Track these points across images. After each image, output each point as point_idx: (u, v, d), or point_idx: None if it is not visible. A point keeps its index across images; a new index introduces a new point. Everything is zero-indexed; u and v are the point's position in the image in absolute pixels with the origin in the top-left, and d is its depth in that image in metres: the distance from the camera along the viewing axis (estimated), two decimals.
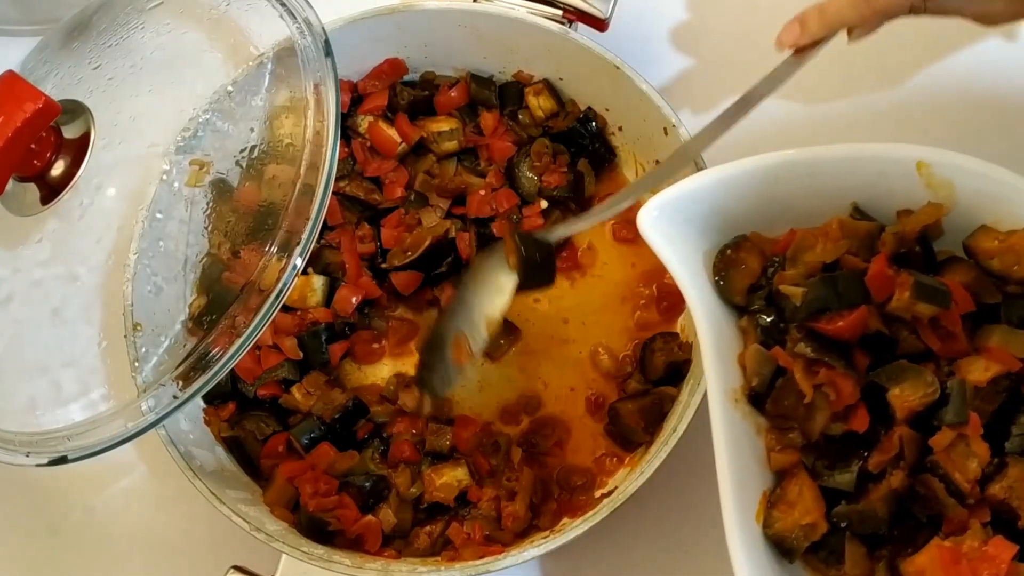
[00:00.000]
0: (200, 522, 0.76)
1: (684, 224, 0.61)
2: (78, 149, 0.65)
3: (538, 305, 0.81)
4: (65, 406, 0.65)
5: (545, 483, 0.75)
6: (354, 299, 0.79)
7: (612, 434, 0.76)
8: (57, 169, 0.64)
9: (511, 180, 0.82)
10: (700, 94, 0.86)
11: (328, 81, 0.65)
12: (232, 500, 0.70)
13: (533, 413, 0.78)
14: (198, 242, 0.67)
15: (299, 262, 0.62)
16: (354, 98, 0.83)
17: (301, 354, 0.77)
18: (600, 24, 0.79)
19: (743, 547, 0.55)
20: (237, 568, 0.68)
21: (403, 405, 0.77)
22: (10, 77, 0.62)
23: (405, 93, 0.83)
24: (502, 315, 0.69)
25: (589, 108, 0.82)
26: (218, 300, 0.64)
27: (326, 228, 0.80)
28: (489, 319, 0.69)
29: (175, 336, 0.66)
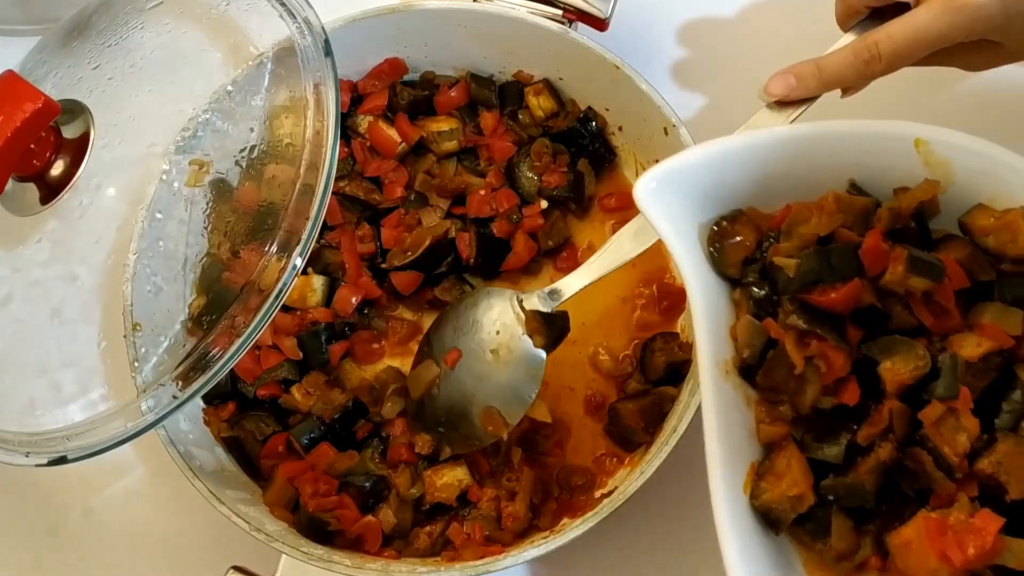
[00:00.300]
0: (200, 522, 0.76)
1: (681, 197, 0.61)
2: (77, 149, 0.65)
3: None
4: (65, 406, 0.65)
5: (545, 483, 0.75)
6: (354, 299, 0.79)
7: (612, 434, 0.76)
8: (57, 169, 0.64)
9: (511, 180, 0.82)
10: (701, 94, 0.86)
11: (328, 81, 0.65)
12: (232, 500, 0.70)
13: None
14: (198, 242, 0.67)
15: (299, 262, 0.62)
16: (354, 98, 0.83)
17: (301, 354, 0.77)
18: (600, 24, 0.79)
19: (729, 517, 0.55)
20: (237, 568, 0.68)
21: (384, 413, 0.76)
22: (9, 77, 0.62)
23: (405, 93, 0.83)
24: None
25: (589, 108, 0.82)
26: (218, 300, 0.64)
27: (326, 228, 0.80)
28: (523, 402, 0.72)
29: (175, 336, 0.66)
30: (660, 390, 0.74)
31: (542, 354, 0.71)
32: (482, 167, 0.83)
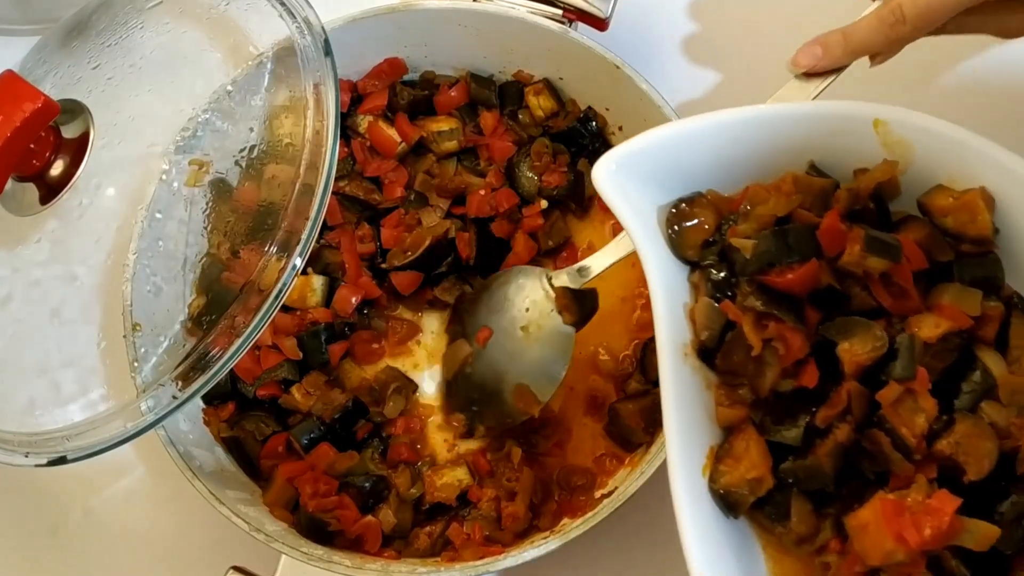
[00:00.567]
0: (199, 522, 0.76)
1: (641, 179, 0.60)
2: (77, 149, 0.65)
3: None
4: (64, 406, 0.65)
5: (545, 483, 0.75)
6: (354, 299, 0.79)
7: (612, 434, 0.76)
8: (56, 169, 0.64)
9: (511, 180, 0.82)
10: (701, 93, 0.86)
11: (328, 81, 0.65)
12: (232, 500, 0.70)
13: None
14: (197, 242, 0.67)
15: (299, 262, 0.62)
16: (354, 98, 0.83)
17: (301, 354, 0.77)
18: (600, 24, 0.79)
19: (687, 500, 0.55)
20: (236, 569, 0.68)
21: (385, 413, 0.77)
22: (9, 77, 0.62)
23: (405, 93, 0.83)
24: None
25: (589, 108, 0.82)
26: (217, 300, 0.64)
27: (326, 228, 0.80)
28: (553, 379, 0.73)
29: (174, 336, 0.66)
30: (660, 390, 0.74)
31: (571, 331, 0.72)
32: (482, 167, 0.83)
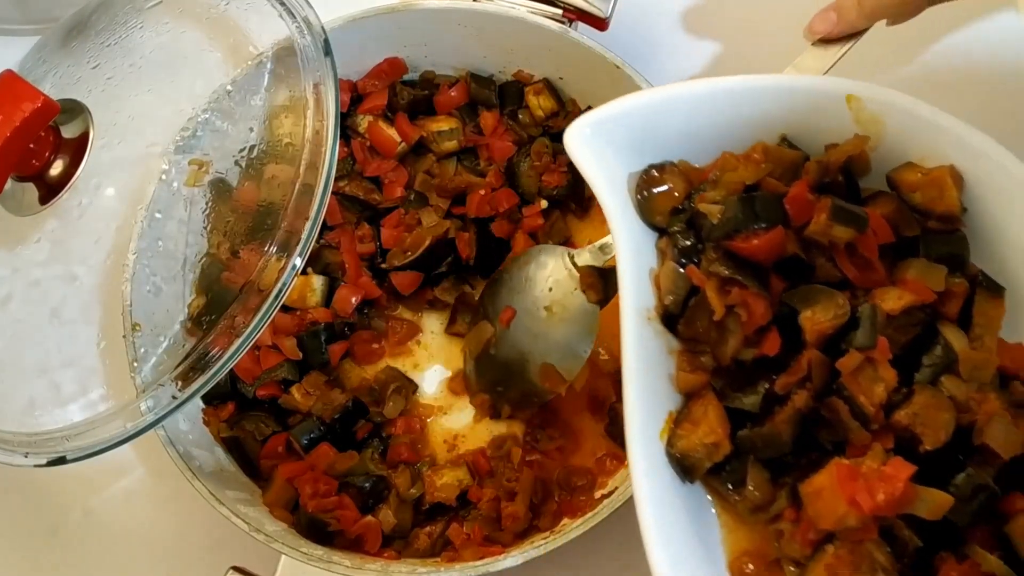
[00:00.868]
0: (199, 523, 0.76)
1: (615, 145, 0.60)
2: (77, 149, 0.65)
3: None
4: (64, 406, 0.65)
5: (545, 483, 0.75)
6: (354, 299, 0.79)
7: (612, 434, 0.76)
8: (56, 169, 0.64)
9: (511, 180, 0.82)
10: None
11: (328, 80, 0.65)
12: (231, 501, 0.70)
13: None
14: (197, 242, 0.67)
15: (298, 262, 0.62)
16: (354, 97, 0.83)
17: (300, 354, 0.77)
18: (600, 23, 0.79)
19: (643, 463, 0.55)
20: (236, 569, 0.68)
21: (385, 412, 0.77)
22: (9, 76, 0.62)
23: (405, 92, 0.83)
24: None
25: (589, 107, 0.82)
26: (217, 300, 0.64)
27: (326, 228, 0.80)
28: (579, 358, 0.73)
29: (174, 336, 0.66)
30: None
31: (596, 308, 0.72)
32: (482, 167, 0.83)
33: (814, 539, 0.55)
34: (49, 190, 0.64)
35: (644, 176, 0.61)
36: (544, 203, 0.81)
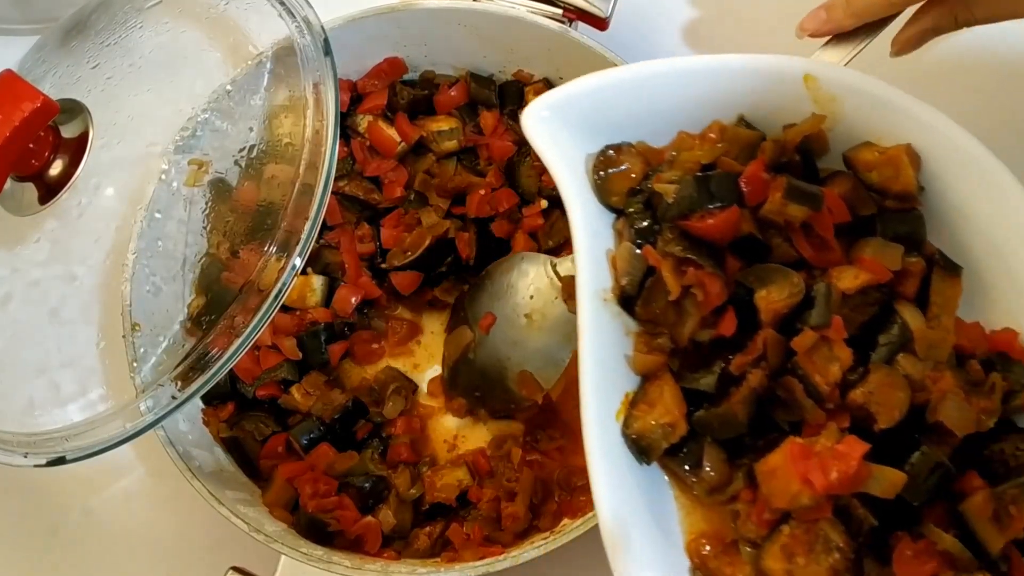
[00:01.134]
0: (199, 523, 0.76)
1: (573, 126, 0.60)
2: (76, 148, 0.65)
3: None
4: (63, 406, 0.65)
5: (545, 483, 0.75)
6: (353, 299, 0.79)
7: None
8: (55, 169, 0.64)
9: (511, 180, 0.82)
10: None
11: (327, 80, 0.65)
12: (231, 501, 0.70)
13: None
14: (197, 242, 0.67)
15: (298, 262, 0.62)
16: (353, 97, 0.83)
17: (300, 354, 0.77)
18: (601, 23, 0.79)
19: (599, 444, 0.55)
20: (236, 569, 0.68)
21: (385, 413, 0.77)
22: (8, 76, 0.62)
23: (405, 92, 0.83)
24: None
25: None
26: (217, 300, 0.64)
27: (325, 228, 0.80)
28: (558, 366, 0.72)
29: (174, 336, 0.66)
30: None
31: (575, 318, 0.71)
32: (482, 167, 0.83)
33: (770, 519, 0.55)
34: (49, 190, 0.64)
35: (601, 157, 0.61)
36: (544, 203, 0.81)
